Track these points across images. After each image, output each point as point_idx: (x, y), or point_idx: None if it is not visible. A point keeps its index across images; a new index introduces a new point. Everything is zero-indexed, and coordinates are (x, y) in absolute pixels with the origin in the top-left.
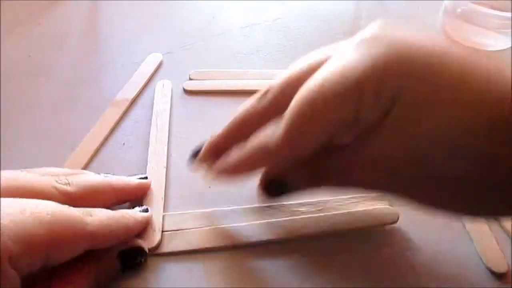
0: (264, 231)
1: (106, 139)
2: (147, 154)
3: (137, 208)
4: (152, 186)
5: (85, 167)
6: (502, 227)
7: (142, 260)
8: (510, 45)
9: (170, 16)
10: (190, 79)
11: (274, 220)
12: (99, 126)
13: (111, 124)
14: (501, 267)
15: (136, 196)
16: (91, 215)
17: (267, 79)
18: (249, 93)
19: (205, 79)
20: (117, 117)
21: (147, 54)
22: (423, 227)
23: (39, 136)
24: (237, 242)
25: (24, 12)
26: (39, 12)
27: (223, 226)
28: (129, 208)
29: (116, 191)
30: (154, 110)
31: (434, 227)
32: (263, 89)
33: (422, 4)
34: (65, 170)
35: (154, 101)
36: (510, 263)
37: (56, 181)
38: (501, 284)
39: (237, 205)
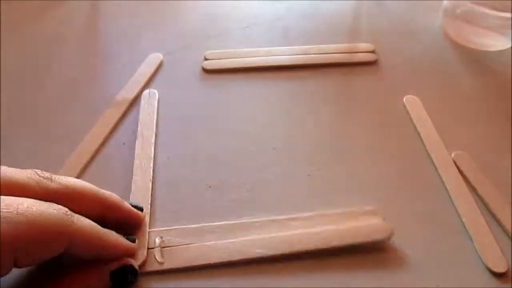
0: (254, 247)
1: (106, 139)
2: None
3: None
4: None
5: (85, 167)
6: (502, 227)
7: (133, 279)
8: (510, 45)
9: (170, 16)
10: (206, 59)
11: (263, 236)
12: (99, 126)
13: (111, 124)
14: (501, 267)
15: (123, 221)
16: (73, 216)
17: (276, 55)
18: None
19: (220, 58)
20: (117, 117)
21: (147, 54)
22: (418, 240)
23: (39, 136)
24: (225, 259)
25: (24, 12)
26: (39, 12)
27: (210, 243)
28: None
29: (103, 204)
30: (140, 120)
31: (429, 240)
32: None
33: (422, 4)
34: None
35: (140, 111)
36: (510, 263)
37: (38, 175)
38: (501, 284)
39: (225, 220)
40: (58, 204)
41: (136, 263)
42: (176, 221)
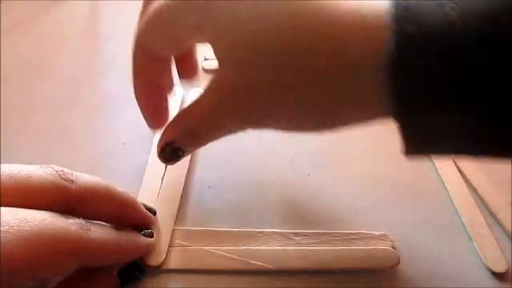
0: (252, 259)
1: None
2: (147, 154)
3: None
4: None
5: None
6: (502, 227)
7: (140, 275)
8: None
9: None
10: (206, 59)
11: (263, 248)
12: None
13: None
14: (501, 267)
15: (136, 222)
16: (90, 230)
17: None
18: None
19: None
20: None
21: None
22: (418, 240)
23: (39, 136)
24: (230, 268)
25: (24, 12)
26: (39, 13)
27: (210, 247)
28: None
29: (120, 206)
30: None
31: (429, 240)
32: None
33: None
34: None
35: None
36: (510, 263)
37: (60, 177)
38: (501, 284)
39: (224, 221)
40: (74, 207)
41: (146, 260)
42: (196, 222)
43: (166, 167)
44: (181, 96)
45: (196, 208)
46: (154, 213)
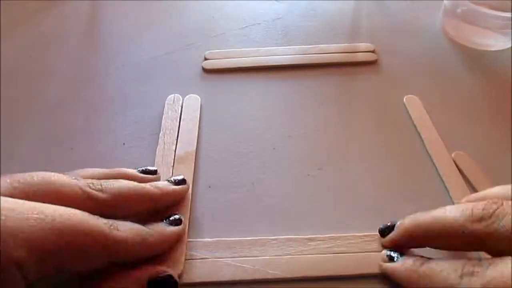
0: (265, 266)
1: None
2: (148, 153)
3: (164, 221)
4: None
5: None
6: None
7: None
8: (510, 45)
9: (170, 16)
10: (206, 59)
11: (277, 255)
12: None
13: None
14: None
15: (170, 204)
16: (117, 229)
17: (276, 55)
18: (259, 69)
19: (220, 58)
20: None
21: (147, 54)
22: None
23: (39, 136)
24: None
25: (24, 12)
26: (39, 13)
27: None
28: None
29: (151, 201)
30: (162, 125)
31: None
32: None
33: (422, 4)
34: (102, 171)
35: (163, 116)
36: None
37: (89, 186)
38: None
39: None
40: (106, 212)
41: (175, 273)
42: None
43: (173, 168)
44: (180, 102)
45: (196, 208)
46: (184, 181)
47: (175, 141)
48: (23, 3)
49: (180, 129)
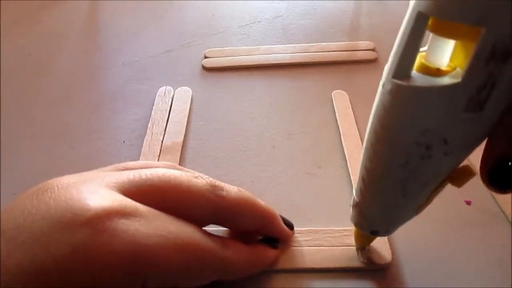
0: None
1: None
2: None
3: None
4: None
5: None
6: (504, 212)
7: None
8: None
9: (170, 15)
10: (206, 57)
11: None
12: None
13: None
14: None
15: (275, 235)
16: (227, 249)
17: (276, 53)
18: (259, 67)
19: (220, 56)
20: None
21: (147, 53)
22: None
23: (39, 134)
24: None
25: (24, 11)
26: (39, 11)
27: None
28: None
29: (261, 220)
30: (152, 116)
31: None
32: None
33: None
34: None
35: (153, 107)
36: (510, 250)
37: (210, 185)
38: (501, 284)
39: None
40: (223, 217)
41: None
42: None
43: (159, 158)
44: (171, 94)
45: None
46: (292, 227)
47: (163, 132)
48: (23, 2)
49: (169, 120)
